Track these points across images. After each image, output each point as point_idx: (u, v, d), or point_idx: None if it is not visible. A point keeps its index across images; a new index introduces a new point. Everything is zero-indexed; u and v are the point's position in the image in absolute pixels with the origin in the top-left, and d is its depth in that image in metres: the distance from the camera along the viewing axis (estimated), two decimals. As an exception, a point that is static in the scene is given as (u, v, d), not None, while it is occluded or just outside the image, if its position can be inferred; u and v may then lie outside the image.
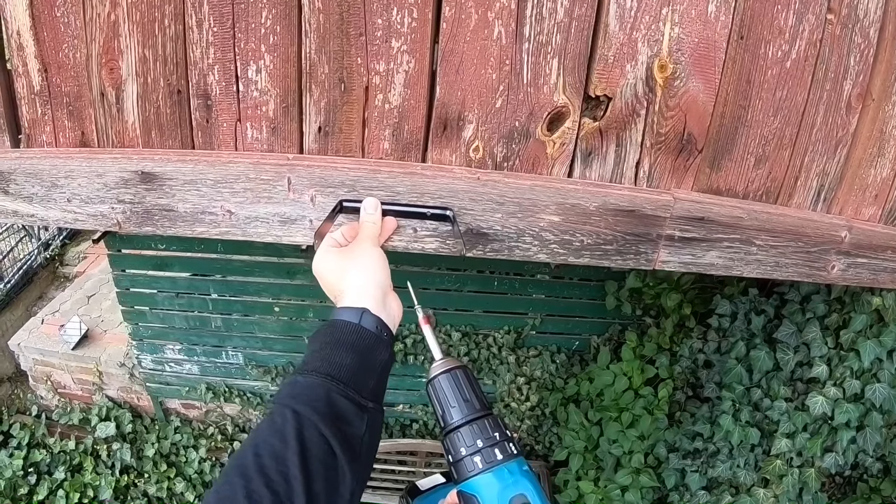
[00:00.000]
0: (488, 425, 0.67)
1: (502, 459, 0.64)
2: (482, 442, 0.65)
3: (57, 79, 0.99)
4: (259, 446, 0.64)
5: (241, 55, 0.96)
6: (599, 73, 0.97)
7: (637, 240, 1.07)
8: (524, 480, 0.63)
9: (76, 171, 1.02)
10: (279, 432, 0.65)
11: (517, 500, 0.62)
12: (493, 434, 0.66)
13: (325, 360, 0.72)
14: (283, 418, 0.67)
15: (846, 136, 1.10)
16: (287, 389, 0.70)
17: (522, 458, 0.66)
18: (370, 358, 0.75)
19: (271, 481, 0.61)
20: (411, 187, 0.99)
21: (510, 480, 0.63)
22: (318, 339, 0.75)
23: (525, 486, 0.62)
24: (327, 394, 0.69)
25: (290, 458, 0.63)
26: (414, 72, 0.96)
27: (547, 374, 3.43)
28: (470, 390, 0.70)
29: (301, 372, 0.71)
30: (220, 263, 3.26)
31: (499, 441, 0.65)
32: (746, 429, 2.37)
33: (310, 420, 0.66)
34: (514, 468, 0.64)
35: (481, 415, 0.68)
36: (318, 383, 0.70)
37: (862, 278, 1.22)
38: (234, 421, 3.94)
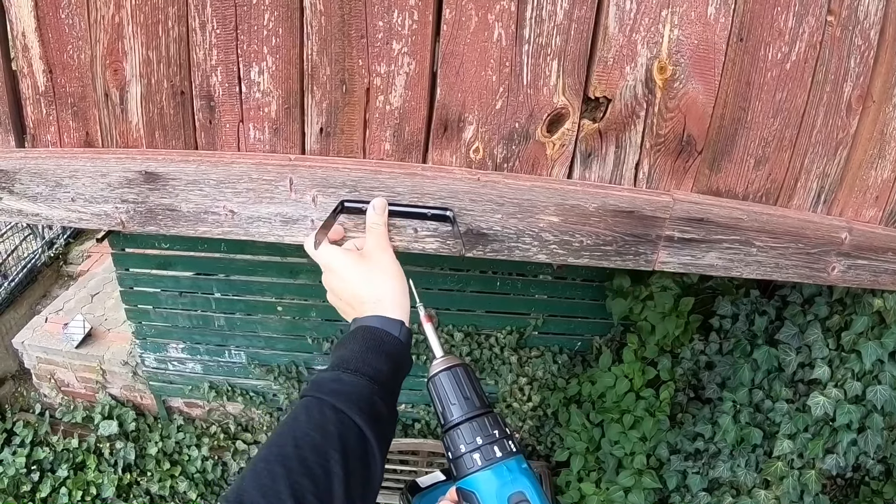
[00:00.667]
0: (488, 423, 0.67)
1: (501, 457, 0.64)
2: (482, 439, 0.65)
3: (62, 79, 1.00)
4: (299, 439, 0.64)
5: (244, 57, 0.97)
6: (599, 74, 0.98)
7: (636, 240, 1.07)
8: (523, 478, 0.63)
9: (80, 170, 1.03)
10: (320, 427, 0.66)
11: (515, 497, 0.62)
12: (492, 431, 0.66)
13: (368, 363, 0.73)
14: (322, 414, 0.67)
15: (846, 137, 1.10)
16: (331, 385, 0.71)
17: (522, 456, 0.66)
18: (401, 369, 0.77)
19: (313, 474, 0.61)
20: (412, 188, 0.99)
21: (509, 478, 0.63)
22: (358, 341, 0.76)
23: (524, 484, 0.62)
24: (371, 395, 0.70)
25: (332, 453, 0.64)
26: (415, 73, 0.97)
27: (549, 375, 3.43)
28: (470, 388, 0.70)
29: (344, 370, 0.72)
30: (223, 263, 3.27)
31: (498, 438, 0.65)
32: (747, 430, 2.37)
33: (351, 419, 0.67)
34: (513, 466, 0.64)
35: (481, 412, 0.68)
36: (364, 384, 0.71)
37: (863, 280, 1.22)
38: (236, 420, 3.95)
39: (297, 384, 3.61)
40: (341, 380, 0.71)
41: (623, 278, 3.00)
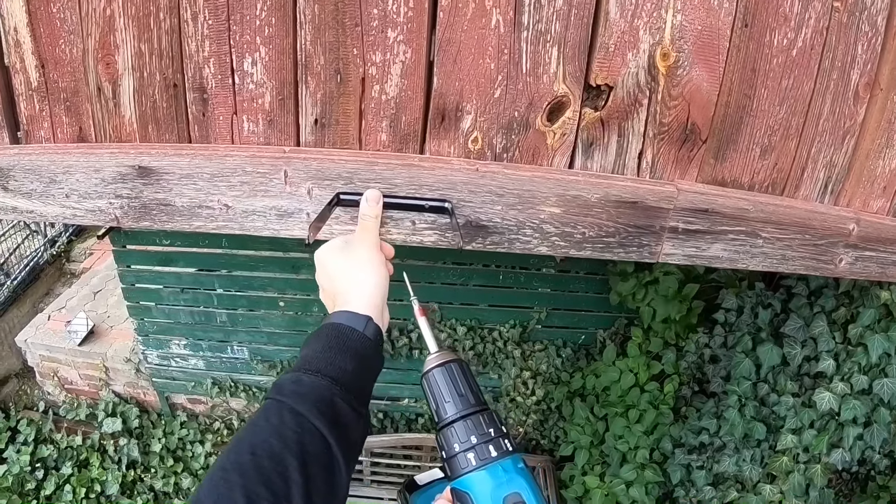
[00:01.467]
0: (483, 421, 0.65)
1: (496, 457, 0.62)
2: (476, 438, 0.63)
3: (54, 74, 0.99)
4: (257, 446, 0.62)
5: (237, 48, 0.95)
6: (600, 61, 0.96)
7: (640, 232, 1.05)
8: (519, 478, 0.61)
9: (74, 166, 1.01)
10: (278, 432, 0.64)
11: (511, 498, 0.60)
12: (487, 430, 0.64)
13: (330, 362, 0.71)
14: (280, 418, 0.65)
15: (854, 126, 1.07)
16: (290, 386, 0.68)
17: (518, 456, 0.64)
18: (369, 367, 0.75)
19: (270, 482, 0.59)
20: (409, 179, 0.97)
21: (504, 478, 0.61)
22: (322, 339, 0.74)
23: (520, 485, 0.61)
24: (332, 397, 0.68)
25: (290, 460, 0.61)
26: (411, 62, 0.95)
27: (552, 369, 3.42)
28: (465, 384, 0.68)
29: (305, 371, 0.70)
30: (224, 258, 3.26)
31: (493, 437, 0.63)
32: (752, 424, 2.35)
33: (310, 422, 0.65)
34: (508, 466, 0.62)
35: (476, 410, 0.66)
36: (323, 385, 0.68)
37: (870, 272, 1.20)
38: (239, 415, 3.95)
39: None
40: (301, 381, 0.69)
41: (626, 262, 2.99)
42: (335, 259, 0.83)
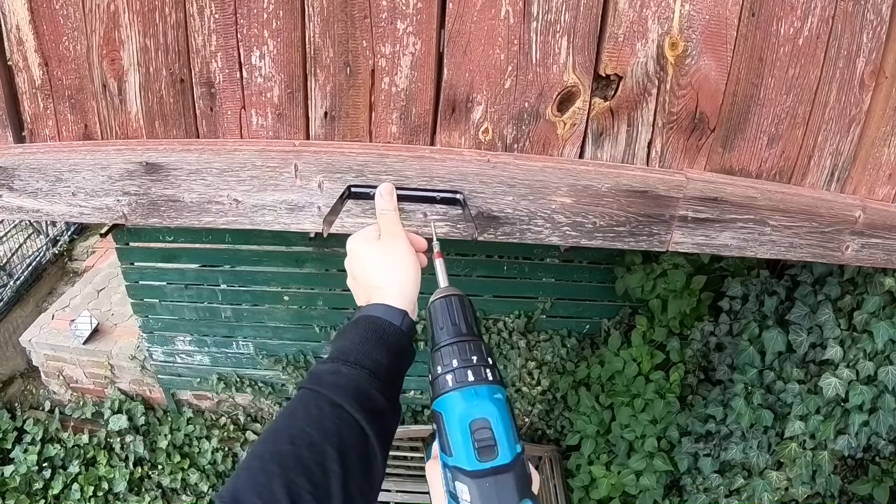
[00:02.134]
0: (468, 348, 0.65)
1: (473, 381, 0.62)
2: (458, 362, 0.63)
3: (58, 72, 0.98)
4: (295, 435, 0.63)
5: (244, 41, 0.94)
6: (609, 51, 0.95)
7: (650, 221, 1.05)
8: (491, 405, 0.60)
9: (80, 164, 1.01)
10: (317, 423, 0.64)
11: (478, 423, 0.59)
12: (470, 357, 0.64)
13: (368, 355, 0.71)
14: (319, 409, 0.65)
15: (859, 114, 1.07)
16: (329, 377, 0.69)
17: (497, 387, 0.63)
18: (403, 361, 0.76)
19: (310, 473, 0.60)
20: (420, 171, 0.97)
21: (475, 402, 0.60)
22: (359, 331, 0.74)
23: (490, 411, 0.59)
24: (369, 389, 0.68)
25: (329, 451, 0.62)
26: (421, 53, 0.94)
27: (558, 358, 3.43)
28: (460, 315, 0.69)
29: (343, 362, 0.70)
30: (228, 254, 3.26)
31: (475, 364, 0.63)
32: (759, 411, 2.36)
33: (349, 414, 0.65)
34: (483, 391, 0.61)
35: (465, 338, 0.67)
36: (362, 377, 0.69)
37: (876, 259, 1.20)
38: (245, 411, 3.96)
39: (305, 373, 3.61)
40: (340, 372, 0.69)
41: (634, 254, 2.98)
42: (370, 250, 0.83)
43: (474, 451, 0.57)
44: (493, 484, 0.56)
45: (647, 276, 2.90)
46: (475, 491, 0.56)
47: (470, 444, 0.58)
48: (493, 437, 0.58)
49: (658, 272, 2.87)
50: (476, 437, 0.58)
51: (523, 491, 0.56)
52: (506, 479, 0.56)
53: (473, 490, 0.56)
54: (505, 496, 0.55)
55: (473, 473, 0.56)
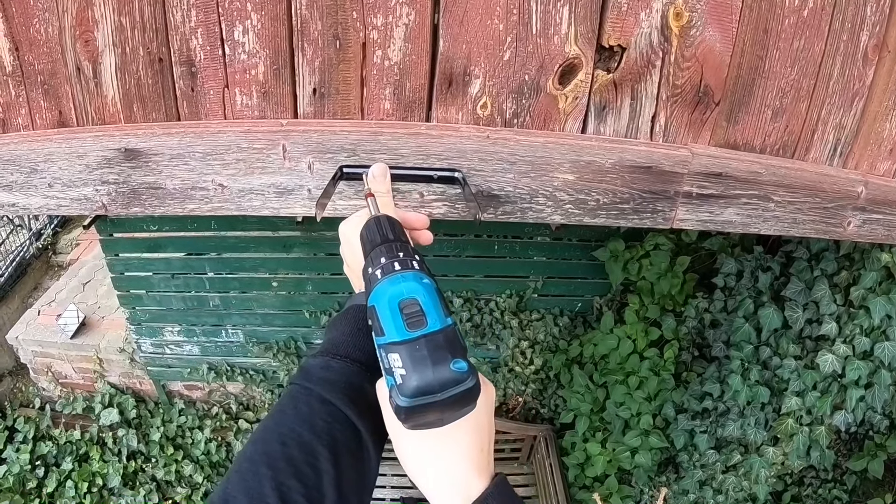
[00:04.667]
0: (395, 248, 0.67)
1: (399, 270, 0.63)
2: (385, 259, 0.65)
3: (29, 57, 0.93)
4: (286, 435, 0.61)
5: (226, 15, 0.89)
6: (613, 21, 0.91)
7: (654, 197, 1.02)
8: (417, 286, 0.61)
9: (56, 153, 0.96)
10: (308, 421, 0.62)
11: (407, 301, 0.60)
12: (397, 253, 0.66)
13: (359, 347, 0.69)
14: (309, 406, 0.63)
15: (863, 88, 1.06)
16: (319, 373, 0.66)
17: (424, 274, 0.64)
18: None
19: (302, 474, 0.58)
20: (416, 149, 0.93)
21: (402, 285, 0.61)
22: (349, 322, 0.72)
23: (417, 291, 0.60)
24: (361, 383, 0.66)
25: (321, 450, 0.60)
26: (415, 25, 0.89)
27: (550, 337, 3.43)
28: (388, 227, 0.71)
29: (333, 355, 0.68)
30: (214, 241, 3.21)
31: (402, 259, 0.65)
32: (756, 388, 2.37)
33: (341, 411, 0.63)
34: (409, 276, 0.62)
35: (392, 241, 0.69)
36: (353, 371, 0.67)
37: (877, 234, 1.20)
38: (237, 399, 3.94)
39: (296, 360, 3.60)
40: (330, 367, 0.67)
41: (617, 242, 2.97)
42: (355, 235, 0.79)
43: (404, 323, 0.58)
44: (424, 346, 0.57)
45: (632, 258, 2.90)
46: (406, 355, 0.57)
47: (399, 318, 0.59)
48: (421, 310, 0.59)
49: (641, 253, 2.87)
50: (405, 312, 0.59)
51: (455, 352, 0.57)
52: (436, 341, 0.57)
53: (405, 355, 0.57)
54: (436, 355, 0.56)
55: (403, 342, 0.58)
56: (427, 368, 0.56)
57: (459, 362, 0.56)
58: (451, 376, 0.55)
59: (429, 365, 0.56)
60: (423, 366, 0.56)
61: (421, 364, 0.56)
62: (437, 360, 0.56)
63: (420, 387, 0.55)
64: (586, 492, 3.24)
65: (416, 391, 0.55)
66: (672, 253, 2.81)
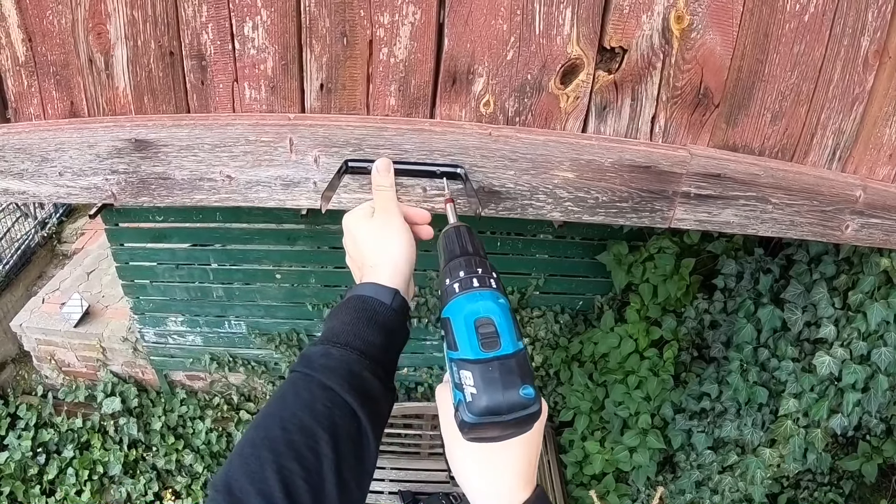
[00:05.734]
0: (475, 262, 0.69)
1: (478, 287, 0.65)
2: (464, 273, 0.67)
3: (42, 48, 0.95)
4: (287, 420, 0.62)
5: (236, 11, 0.91)
6: (615, 23, 0.93)
7: (653, 197, 1.04)
8: (494, 306, 0.63)
9: (67, 143, 0.98)
10: (309, 406, 0.63)
11: (482, 320, 0.62)
12: (476, 269, 0.67)
13: (358, 335, 0.70)
14: (311, 392, 0.65)
15: (862, 93, 1.07)
16: (319, 360, 0.68)
17: (501, 294, 0.65)
18: (395, 340, 0.74)
19: (302, 458, 0.59)
20: (420, 145, 0.95)
21: (480, 303, 0.63)
22: (350, 311, 0.73)
23: (493, 311, 0.62)
24: (361, 371, 0.68)
25: (321, 434, 0.61)
26: (420, 23, 0.91)
27: (551, 335, 3.45)
28: (468, 239, 0.73)
29: (333, 343, 0.69)
30: (219, 232, 3.23)
31: (480, 275, 0.67)
32: (754, 388, 2.39)
33: (341, 397, 0.65)
34: (487, 295, 0.64)
35: (472, 255, 0.71)
36: (353, 359, 0.68)
37: (875, 238, 1.20)
38: (239, 390, 3.97)
39: (298, 352, 3.62)
40: (330, 354, 0.68)
41: (620, 245, 2.98)
42: (363, 227, 0.81)
43: (478, 342, 0.60)
44: (497, 368, 0.59)
45: (636, 261, 2.91)
46: (478, 374, 0.59)
47: (475, 337, 0.61)
48: (496, 331, 0.61)
49: (645, 256, 2.88)
50: (480, 331, 0.61)
51: (525, 377, 0.59)
52: (508, 365, 0.59)
53: (476, 374, 0.59)
54: (507, 379, 0.58)
55: (477, 361, 0.59)
56: (498, 391, 0.58)
57: (528, 388, 0.58)
58: (518, 401, 0.58)
59: (500, 388, 0.58)
60: (493, 388, 0.58)
61: (492, 386, 0.58)
62: (508, 384, 0.58)
63: (489, 407, 0.58)
64: (583, 489, 3.26)
65: (484, 411, 0.58)
66: (676, 256, 2.82)
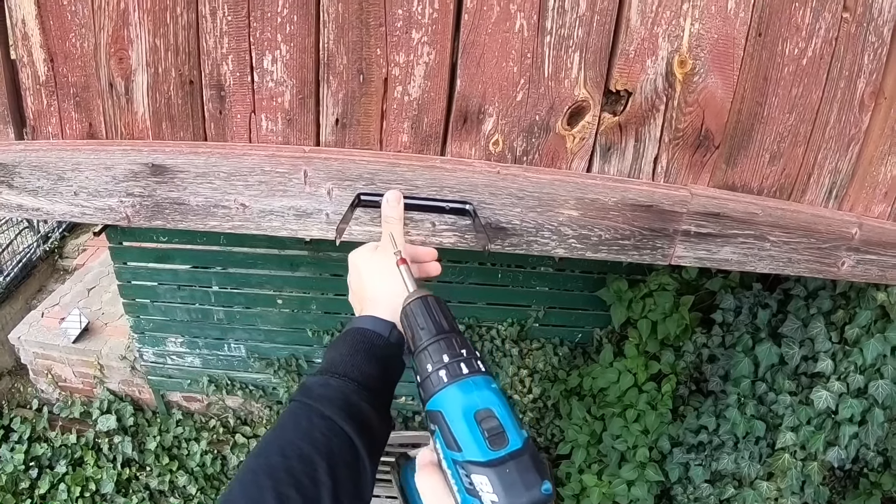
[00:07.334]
0: (455, 342, 0.64)
1: (468, 373, 0.60)
2: (448, 357, 0.62)
3: (63, 69, 0.97)
4: (286, 448, 0.64)
5: (257, 45, 0.95)
6: (620, 67, 0.97)
7: (654, 235, 1.06)
8: (491, 394, 0.59)
9: (83, 163, 1.00)
10: (307, 435, 0.65)
11: (483, 413, 0.57)
12: (459, 351, 0.63)
13: (356, 367, 0.72)
14: (309, 421, 0.66)
15: (859, 133, 1.10)
16: (318, 390, 0.70)
17: (491, 377, 0.62)
18: (392, 372, 0.76)
19: (301, 485, 0.61)
20: (430, 181, 0.98)
21: (475, 393, 0.59)
22: (348, 343, 0.75)
23: (492, 401, 0.58)
24: (358, 401, 0.69)
25: (319, 462, 0.63)
26: (434, 63, 0.95)
27: (549, 367, 3.44)
28: (439, 313, 0.68)
29: (332, 374, 0.71)
30: (221, 255, 3.24)
31: (465, 357, 0.62)
32: (752, 422, 2.38)
33: (338, 425, 0.66)
34: (480, 382, 0.60)
35: (450, 334, 0.65)
36: (350, 389, 0.70)
37: (871, 275, 1.23)
38: (235, 413, 3.94)
39: (297, 377, 3.60)
40: (329, 385, 0.70)
41: (620, 281, 3.00)
42: (367, 263, 0.83)
43: (485, 441, 0.55)
44: (514, 469, 0.54)
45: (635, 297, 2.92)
46: (496, 479, 0.54)
47: (480, 434, 0.56)
48: (500, 424, 0.56)
49: (644, 292, 2.89)
50: (484, 426, 0.56)
51: (542, 472, 0.55)
52: (524, 463, 0.55)
53: (494, 479, 0.54)
54: (528, 479, 0.54)
55: (490, 463, 0.55)
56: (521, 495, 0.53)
57: (547, 483, 0.54)
58: (540, 498, 0.54)
59: (522, 491, 0.54)
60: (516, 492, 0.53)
61: (514, 489, 0.54)
62: (529, 484, 0.54)
63: None
64: (580, 522, 3.22)
65: None
66: (675, 293, 2.84)
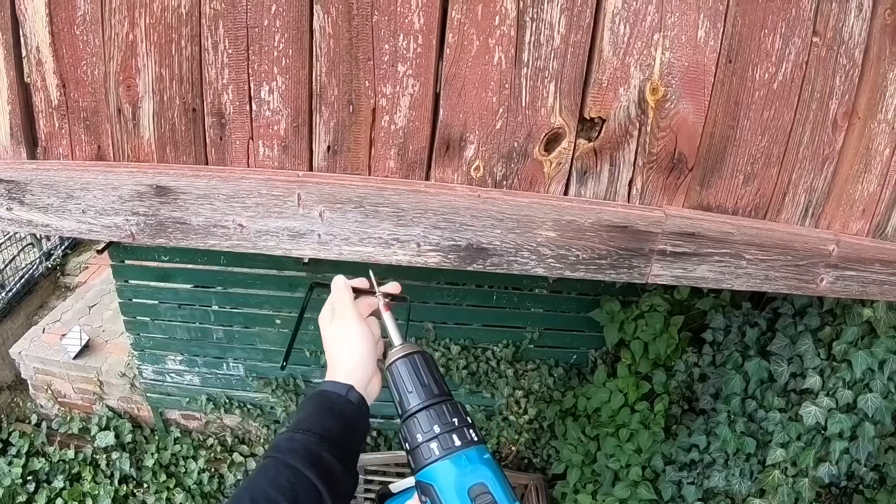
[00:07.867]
0: (446, 410, 0.62)
1: (460, 446, 0.59)
2: (439, 427, 0.60)
3: (75, 94, 1.03)
4: (255, 494, 0.70)
5: (255, 76, 1.01)
6: (594, 96, 1.02)
7: (630, 254, 1.11)
8: (484, 468, 0.58)
9: (92, 183, 1.06)
10: (274, 482, 0.72)
11: (476, 489, 0.56)
12: (451, 420, 0.61)
13: (319, 423, 0.78)
14: (276, 471, 0.73)
15: (833, 153, 1.13)
16: (285, 444, 0.76)
17: (483, 446, 0.60)
18: (354, 428, 0.81)
19: None
20: (416, 204, 1.03)
21: (469, 468, 0.58)
22: (312, 403, 0.81)
23: (485, 475, 0.57)
24: (320, 452, 0.75)
25: None
26: (419, 95, 1.01)
27: (545, 388, 3.45)
28: (428, 375, 0.65)
29: (297, 430, 0.78)
30: (222, 275, 3.28)
31: (457, 427, 0.60)
32: (742, 439, 2.40)
33: (302, 473, 0.72)
34: (473, 455, 0.59)
35: (439, 400, 0.63)
36: (313, 441, 0.76)
37: (851, 290, 1.25)
38: (233, 432, 3.95)
39: (294, 397, 3.62)
40: (294, 439, 0.76)
41: (613, 302, 3.04)
42: (325, 331, 0.87)
43: None
44: None
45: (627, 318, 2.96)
46: None
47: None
48: (494, 500, 0.56)
49: (636, 313, 2.93)
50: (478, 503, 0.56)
51: None
52: None
53: None
54: None
55: None
56: None
57: None
58: None
59: None
60: None
61: None
62: None
63: None
64: (575, 541, 3.21)
65: None
66: (666, 313, 2.88)
